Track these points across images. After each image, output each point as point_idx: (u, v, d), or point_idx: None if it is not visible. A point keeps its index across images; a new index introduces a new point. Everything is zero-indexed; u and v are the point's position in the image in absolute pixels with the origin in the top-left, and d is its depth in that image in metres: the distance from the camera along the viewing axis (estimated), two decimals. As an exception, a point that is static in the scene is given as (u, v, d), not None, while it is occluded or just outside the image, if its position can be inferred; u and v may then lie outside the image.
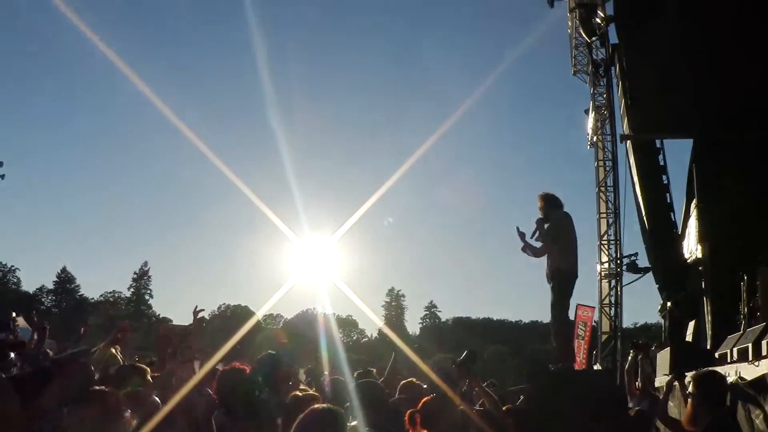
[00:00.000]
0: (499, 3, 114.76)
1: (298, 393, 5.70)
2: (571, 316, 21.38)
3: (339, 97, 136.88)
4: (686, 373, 5.97)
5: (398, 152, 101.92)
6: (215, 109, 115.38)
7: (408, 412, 4.92)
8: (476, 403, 6.28)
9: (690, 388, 4.55)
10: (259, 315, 62.00)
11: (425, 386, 6.50)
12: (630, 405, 7.73)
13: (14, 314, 8.24)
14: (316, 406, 3.46)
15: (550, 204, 7.89)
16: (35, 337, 6.43)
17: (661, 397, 6.87)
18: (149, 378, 4.84)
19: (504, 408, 5.97)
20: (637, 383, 8.04)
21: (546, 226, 7.74)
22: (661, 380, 12.57)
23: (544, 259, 7.80)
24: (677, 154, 19.77)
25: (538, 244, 7.76)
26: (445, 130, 29.87)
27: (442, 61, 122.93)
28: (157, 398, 4.30)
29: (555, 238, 7.63)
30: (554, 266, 7.61)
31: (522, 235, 7.72)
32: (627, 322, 28.62)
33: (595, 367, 19.82)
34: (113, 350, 5.78)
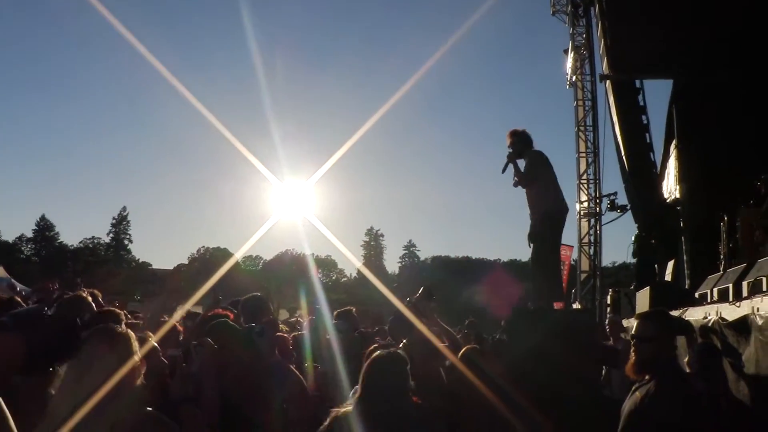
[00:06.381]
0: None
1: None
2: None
3: (319, 37, 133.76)
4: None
5: (379, 92, 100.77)
6: (194, 49, 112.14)
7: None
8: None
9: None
10: (238, 257, 62.10)
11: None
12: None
13: None
14: (380, 352, 3.49)
15: (523, 141, 7.40)
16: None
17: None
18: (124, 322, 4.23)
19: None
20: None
21: (523, 162, 7.32)
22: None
23: (524, 198, 7.44)
24: (657, 95, 19.84)
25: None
26: (425, 70, 29.46)
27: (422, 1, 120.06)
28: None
29: (536, 174, 7.22)
30: (541, 207, 7.18)
31: (511, 161, 7.29)
32: (606, 261, 29.09)
33: (574, 306, 20.32)
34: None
